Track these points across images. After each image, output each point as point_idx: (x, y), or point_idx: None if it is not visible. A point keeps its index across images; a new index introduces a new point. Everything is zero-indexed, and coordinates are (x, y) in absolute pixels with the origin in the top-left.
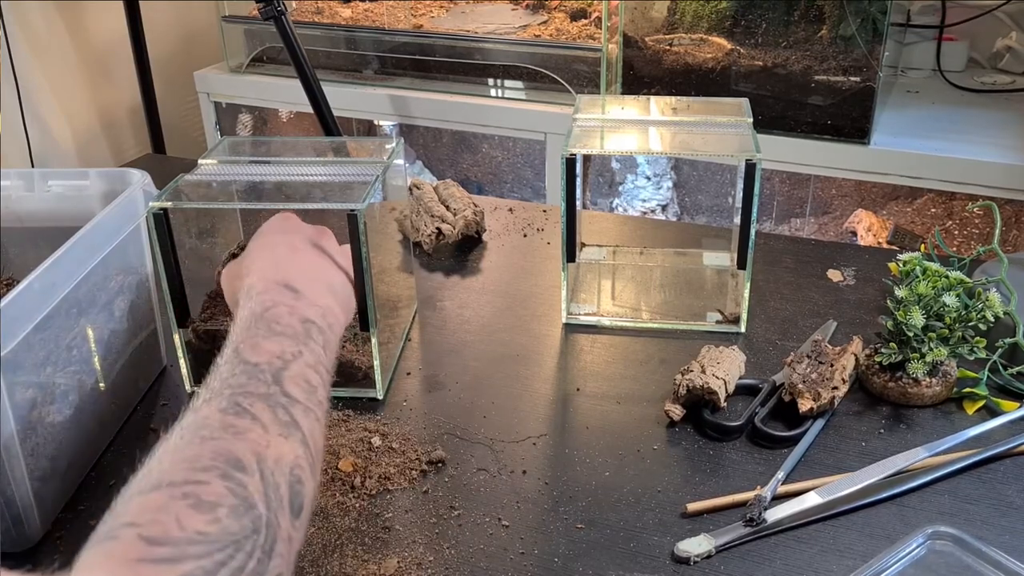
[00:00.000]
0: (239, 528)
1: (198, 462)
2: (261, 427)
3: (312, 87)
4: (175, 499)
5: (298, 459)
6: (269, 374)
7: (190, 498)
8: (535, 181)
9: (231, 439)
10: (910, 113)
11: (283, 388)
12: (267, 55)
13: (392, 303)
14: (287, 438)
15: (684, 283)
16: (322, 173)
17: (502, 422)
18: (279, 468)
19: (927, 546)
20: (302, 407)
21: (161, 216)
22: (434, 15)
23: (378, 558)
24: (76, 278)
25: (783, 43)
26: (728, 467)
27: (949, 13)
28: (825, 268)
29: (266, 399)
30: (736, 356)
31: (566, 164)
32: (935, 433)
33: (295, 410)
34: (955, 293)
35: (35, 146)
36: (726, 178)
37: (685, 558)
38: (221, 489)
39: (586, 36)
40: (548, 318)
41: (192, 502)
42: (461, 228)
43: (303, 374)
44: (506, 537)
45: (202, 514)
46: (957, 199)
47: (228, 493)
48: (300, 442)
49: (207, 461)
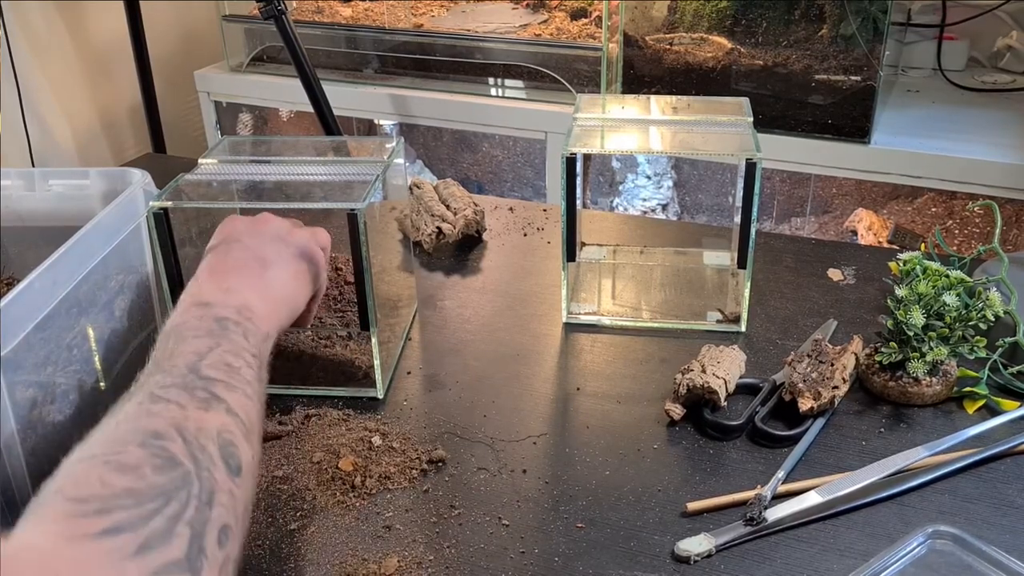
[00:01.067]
0: (166, 481)
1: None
2: (177, 406)
3: (312, 86)
4: (96, 466)
5: (225, 424)
6: (184, 367)
7: (111, 464)
8: (535, 180)
9: (147, 419)
10: (910, 112)
11: (200, 374)
12: (267, 54)
13: (392, 302)
14: (207, 410)
15: (684, 282)
16: (322, 172)
17: (502, 421)
18: (203, 433)
19: (927, 545)
20: (223, 384)
21: (161, 215)
22: (434, 14)
23: (378, 557)
24: (76, 277)
25: (783, 42)
26: (728, 466)
27: (949, 12)
28: (825, 267)
29: (182, 386)
30: (736, 355)
31: (566, 163)
32: (935, 432)
33: (215, 387)
34: (955, 292)
35: (35, 145)
36: (726, 177)
37: (685, 557)
38: (141, 454)
39: (586, 35)
40: (548, 317)
41: (114, 466)
42: (461, 227)
43: (222, 359)
44: (506, 536)
45: (125, 474)
46: (957, 198)
47: (149, 456)
48: (224, 411)
49: (126, 436)
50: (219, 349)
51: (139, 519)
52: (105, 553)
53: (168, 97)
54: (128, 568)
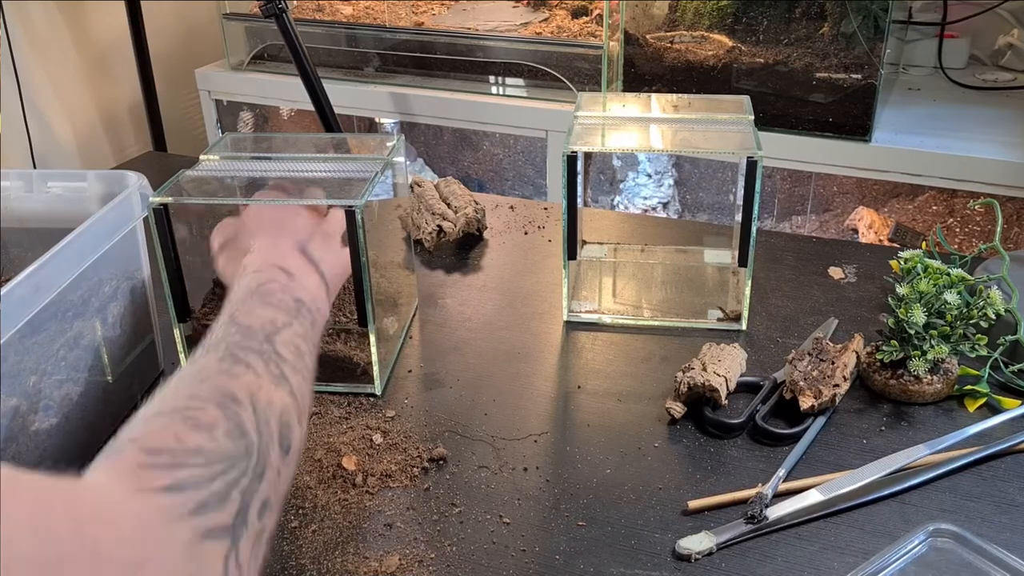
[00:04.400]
0: (233, 448)
1: (197, 394)
2: (254, 374)
3: (313, 85)
4: (175, 420)
5: (287, 406)
6: (262, 335)
7: (189, 420)
8: (536, 179)
9: (227, 379)
10: (911, 110)
11: (275, 348)
12: (268, 52)
13: (393, 300)
14: (277, 387)
15: (685, 281)
16: (322, 169)
17: (503, 419)
18: (270, 409)
19: (928, 543)
20: (291, 365)
21: (162, 211)
22: (435, 12)
23: (379, 555)
24: (63, 283)
25: (784, 40)
26: (729, 464)
27: (950, 10)
28: (826, 265)
29: (259, 353)
30: (737, 354)
31: (567, 162)
32: (936, 430)
33: (285, 367)
34: (956, 290)
35: (36, 144)
36: (727, 175)
37: (686, 555)
38: (218, 414)
39: (587, 34)
40: (549, 316)
41: (191, 423)
42: (462, 226)
43: (293, 341)
44: (507, 534)
45: (200, 432)
46: (958, 196)
47: (224, 419)
48: (289, 393)
49: (205, 394)
50: (291, 329)
51: (204, 479)
52: (166, 508)
53: (169, 95)
54: (183, 526)
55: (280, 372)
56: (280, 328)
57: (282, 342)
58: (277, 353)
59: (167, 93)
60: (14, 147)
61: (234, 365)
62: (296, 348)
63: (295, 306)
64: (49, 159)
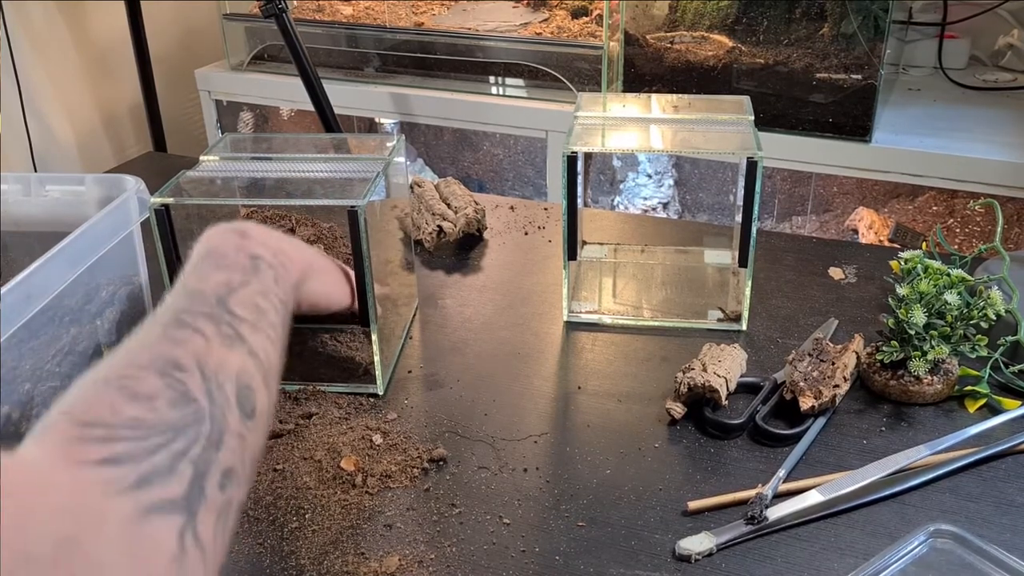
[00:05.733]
0: (178, 417)
1: (135, 362)
2: (202, 337)
3: (313, 85)
4: (110, 391)
5: (245, 366)
6: (213, 298)
7: (125, 390)
8: (536, 179)
9: (170, 345)
10: (911, 111)
11: (228, 308)
12: (268, 53)
13: (393, 300)
14: (230, 348)
15: (685, 281)
16: (323, 170)
17: (503, 420)
18: (223, 371)
19: (928, 544)
20: (249, 324)
21: (163, 212)
22: (435, 13)
23: (379, 556)
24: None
25: (784, 41)
26: (729, 465)
27: (951, 10)
28: (826, 266)
29: (209, 316)
30: (737, 354)
31: (567, 162)
32: (936, 431)
33: (241, 327)
34: (957, 291)
35: (36, 144)
36: (727, 176)
37: (686, 556)
38: (158, 383)
39: (587, 34)
40: (549, 316)
41: (127, 393)
42: (462, 226)
43: (251, 299)
44: (507, 535)
45: (137, 403)
46: (958, 197)
47: (165, 387)
48: (246, 353)
49: (144, 362)
50: (249, 287)
51: (142, 452)
52: (103, 482)
53: (169, 96)
54: (123, 500)
55: (235, 332)
56: (235, 288)
57: (237, 302)
58: (231, 312)
59: (167, 93)
60: (14, 147)
61: (179, 330)
62: (255, 306)
63: (251, 263)
64: (49, 159)
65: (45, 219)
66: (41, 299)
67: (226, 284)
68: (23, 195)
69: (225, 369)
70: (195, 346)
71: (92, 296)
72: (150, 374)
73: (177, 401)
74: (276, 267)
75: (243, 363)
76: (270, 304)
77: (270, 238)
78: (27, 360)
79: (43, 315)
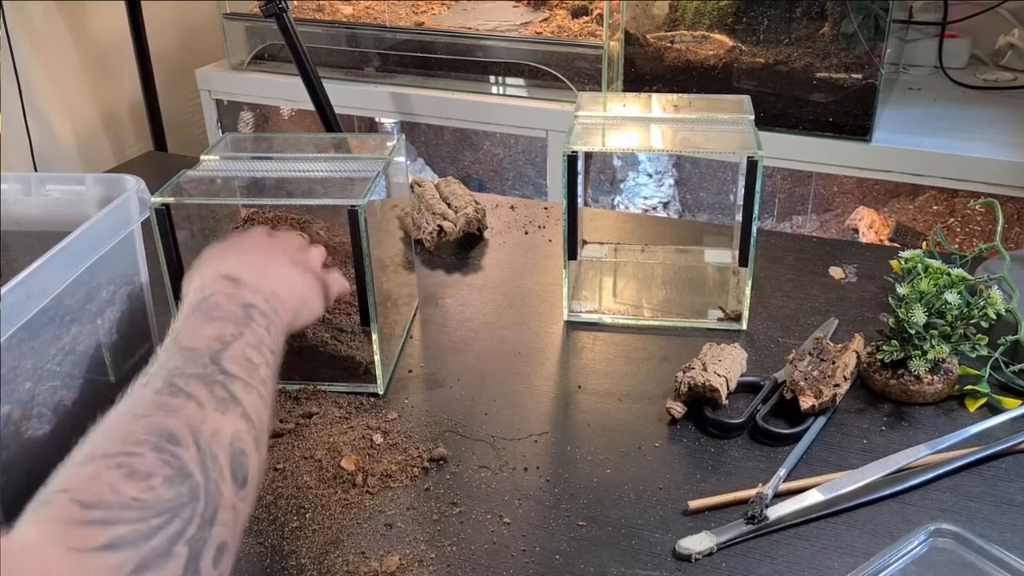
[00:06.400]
0: (175, 495)
1: (131, 437)
2: (196, 404)
3: (314, 84)
4: (108, 468)
5: (238, 432)
6: (207, 355)
7: (123, 468)
8: (536, 178)
9: (164, 416)
10: (912, 110)
11: (221, 367)
12: (268, 52)
13: (393, 300)
14: (224, 413)
15: (685, 280)
16: (323, 169)
17: (503, 419)
18: (216, 440)
19: (929, 543)
20: (242, 383)
21: (163, 212)
22: (435, 12)
23: (380, 555)
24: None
25: (785, 40)
26: (730, 464)
27: (951, 10)
28: (827, 265)
29: (202, 378)
30: (738, 353)
31: (567, 161)
32: (937, 430)
33: (234, 386)
34: (957, 290)
35: (36, 144)
36: (727, 175)
37: (687, 555)
38: (155, 460)
39: (587, 33)
40: (549, 315)
41: (126, 471)
42: (462, 226)
43: (243, 353)
44: (507, 534)
45: (136, 482)
46: (959, 196)
47: (162, 464)
48: (240, 416)
49: (140, 436)
50: (241, 340)
51: (142, 536)
52: (104, 569)
53: (169, 95)
54: None
55: (228, 394)
56: (229, 343)
57: (230, 358)
58: (224, 372)
59: (167, 93)
60: (14, 147)
61: (172, 397)
62: (248, 361)
63: (244, 313)
64: (49, 159)
65: (45, 219)
66: (41, 299)
67: (218, 339)
68: (23, 195)
69: (219, 437)
70: (189, 414)
71: (92, 296)
72: (146, 450)
73: (173, 478)
74: (268, 314)
75: (236, 427)
76: (262, 358)
77: (263, 282)
78: (28, 359)
79: (44, 315)
